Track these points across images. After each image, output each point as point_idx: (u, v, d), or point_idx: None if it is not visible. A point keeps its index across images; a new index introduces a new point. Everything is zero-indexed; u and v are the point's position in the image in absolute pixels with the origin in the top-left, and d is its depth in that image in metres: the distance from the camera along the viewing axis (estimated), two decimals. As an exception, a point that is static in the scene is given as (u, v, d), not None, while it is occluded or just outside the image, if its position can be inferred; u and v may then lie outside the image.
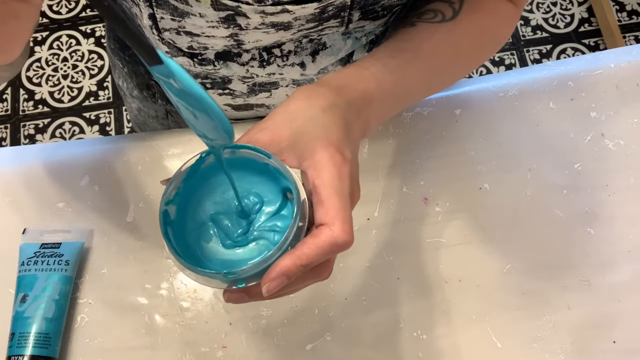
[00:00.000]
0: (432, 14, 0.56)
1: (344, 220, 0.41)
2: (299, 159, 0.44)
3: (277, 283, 0.41)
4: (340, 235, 0.40)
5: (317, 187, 0.42)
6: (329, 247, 0.40)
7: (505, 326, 0.63)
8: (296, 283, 0.43)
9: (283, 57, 0.62)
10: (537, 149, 0.70)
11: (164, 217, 0.44)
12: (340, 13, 0.55)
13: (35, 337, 0.57)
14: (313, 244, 0.40)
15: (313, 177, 0.43)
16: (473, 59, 0.60)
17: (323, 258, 0.41)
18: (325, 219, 0.41)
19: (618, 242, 0.66)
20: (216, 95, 0.67)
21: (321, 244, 0.40)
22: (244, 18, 0.53)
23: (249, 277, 0.42)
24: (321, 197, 0.41)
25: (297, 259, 0.40)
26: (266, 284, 0.41)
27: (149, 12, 0.56)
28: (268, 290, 0.41)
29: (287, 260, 0.40)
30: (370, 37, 0.64)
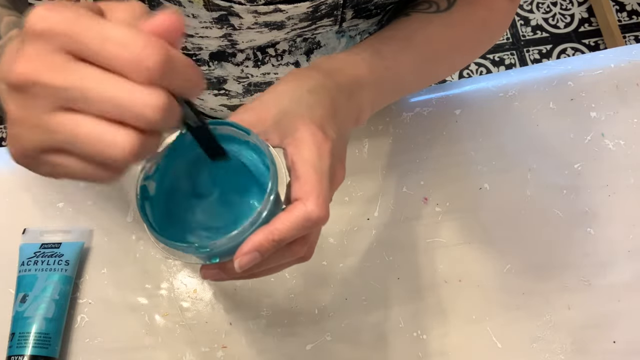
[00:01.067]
0: (427, 5, 0.56)
1: (318, 195, 0.40)
2: (280, 137, 0.43)
3: (249, 258, 0.39)
4: (314, 209, 0.39)
5: (295, 163, 0.41)
6: (302, 221, 0.39)
7: (505, 326, 0.63)
8: (272, 261, 0.42)
9: (277, 57, 0.62)
10: (537, 149, 0.70)
11: (141, 191, 0.43)
12: (333, 12, 0.55)
13: (35, 337, 0.57)
14: (286, 218, 0.39)
15: (292, 153, 0.42)
16: (467, 50, 0.60)
17: (297, 234, 0.40)
18: (300, 193, 0.40)
19: (618, 242, 0.66)
20: (212, 96, 0.67)
21: (293, 219, 0.39)
22: (237, 18, 0.53)
23: (223, 252, 0.42)
24: (298, 173, 0.41)
25: (270, 234, 0.39)
26: (238, 259, 0.39)
27: None
28: (240, 266, 0.39)
29: (259, 235, 0.39)
30: (364, 36, 0.64)
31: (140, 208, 0.42)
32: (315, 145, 0.42)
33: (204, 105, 0.70)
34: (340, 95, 0.47)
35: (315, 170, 0.41)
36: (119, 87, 0.28)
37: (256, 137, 0.43)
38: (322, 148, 0.42)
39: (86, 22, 0.28)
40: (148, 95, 0.28)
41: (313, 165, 0.41)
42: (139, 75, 0.28)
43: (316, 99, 0.45)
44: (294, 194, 0.40)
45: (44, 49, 0.28)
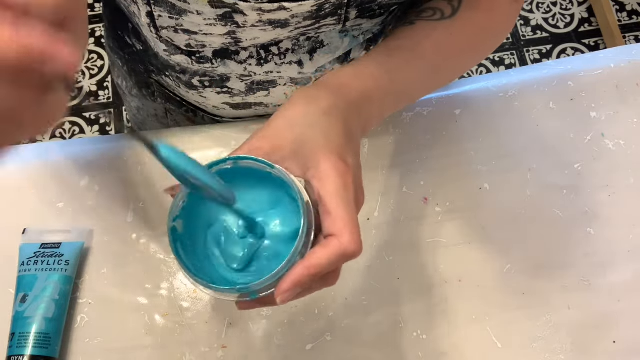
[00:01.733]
0: (431, 12, 0.56)
1: (352, 231, 0.42)
2: (302, 168, 0.45)
3: (290, 294, 0.42)
4: (350, 246, 0.41)
5: (323, 197, 0.43)
6: (338, 257, 0.41)
7: (505, 326, 0.63)
8: (306, 291, 0.44)
9: (281, 55, 0.62)
10: (537, 149, 0.70)
11: (172, 233, 0.45)
12: (337, 11, 0.55)
13: (35, 337, 0.57)
14: (323, 254, 0.41)
15: (318, 187, 0.43)
16: (472, 56, 0.61)
17: (332, 267, 0.42)
18: (334, 229, 0.42)
19: (618, 242, 0.66)
20: (214, 93, 0.68)
21: (330, 255, 0.41)
22: (241, 15, 0.54)
23: (262, 290, 0.43)
24: (328, 208, 0.42)
25: (308, 270, 0.41)
26: (280, 295, 0.42)
27: (147, 10, 0.56)
28: (282, 301, 0.42)
29: (299, 271, 0.41)
30: (367, 36, 0.64)
31: (174, 250, 0.44)
32: (340, 177, 0.43)
33: (207, 103, 0.70)
34: (351, 113, 0.47)
35: (344, 204, 0.42)
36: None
37: (280, 170, 0.44)
38: (346, 179, 0.43)
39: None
40: None
41: (341, 199, 0.42)
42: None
43: (331, 123, 0.46)
44: (327, 229, 0.42)
45: None
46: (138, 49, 0.68)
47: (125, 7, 0.62)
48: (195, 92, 0.68)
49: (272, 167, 0.44)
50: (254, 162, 0.44)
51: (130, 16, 0.64)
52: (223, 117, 0.75)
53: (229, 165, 0.45)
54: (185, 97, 0.72)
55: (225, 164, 0.45)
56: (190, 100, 0.72)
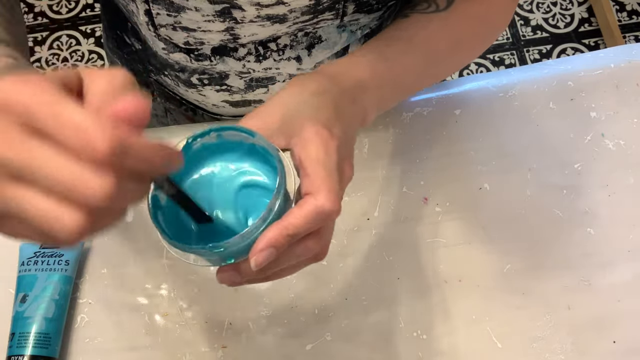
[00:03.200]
0: (426, 5, 0.56)
1: (329, 189, 0.40)
2: (286, 139, 0.44)
3: (265, 255, 0.40)
4: (325, 203, 0.40)
5: (303, 160, 0.42)
6: (315, 214, 0.40)
7: (505, 326, 0.63)
8: (287, 259, 0.42)
9: (279, 51, 0.62)
10: (537, 149, 0.70)
11: (153, 201, 0.44)
12: (335, 5, 0.55)
13: (35, 337, 0.57)
14: (297, 212, 0.40)
15: (299, 152, 0.43)
16: (469, 48, 0.60)
17: (310, 227, 0.40)
18: (310, 188, 0.41)
19: (618, 242, 0.66)
20: (213, 91, 0.68)
21: (305, 212, 0.40)
22: (240, 11, 0.54)
23: (237, 252, 0.42)
24: (306, 170, 0.41)
25: (284, 229, 0.40)
26: (254, 257, 0.40)
27: (145, 8, 0.56)
28: (256, 264, 0.40)
29: (273, 231, 0.40)
30: (365, 31, 0.64)
31: (153, 216, 0.43)
32: (322, 142, 0.42)
33: (206, 102, 0.71)
34: (343, 98, 0.47)
35: (323, 166, 0.41)
36: (66, 166, 0.28)
37: (261, 137, 0.43)
38: (328, 145, 0.42)
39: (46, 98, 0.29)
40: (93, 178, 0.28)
41: (321, 162, 0.41)
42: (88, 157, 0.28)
43: (320, 101, 0.45)
44: (304, 190, 0.41)
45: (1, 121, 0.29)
46: (137, 49, 0.68)
47: (124, 6, 0.62)
48: (195, 91, 0.68)
49: (253, 135, 0.43)
50: (236, 131, 0.43)
51: (128, 15, 0.64)
52: (223, 115, 0.75)
53: (213, 138, 0.44)
54: (185, 96, 0.72)
55: (209, 136, 0.44)
56: (189, 98, 0.72)
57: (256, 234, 0.41)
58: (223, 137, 0.45)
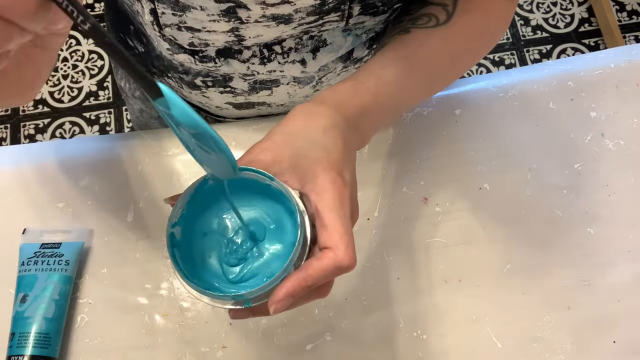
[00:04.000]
0: (427, 19, 0.56)
1: (347, 245, 0.42)
2: (300, 182, 0.45)
3: (283, 304, 0.42)
4: (344, 259, 0.42)
5: (320, 211, 0.43)
6: (333, 269, 0.42)
7: (505, 326, 0.63)
8: (298, 302, 0.44)
9: (284, 54, 0.62)
10: (537, 149, 0.70)
11: (170, 239, 0.45)
12: (341, 6, 0.55)
13: (35, 337, 0.57)
14: (318, 266, 0.42)
15: (315, 201, 0.44)
16: (469, 59, 0.61)
17: (326, 279, 0.43)
18: (329, 242, 0.42)
19: (618, 242, 0.66)
20: (217, 93, 0.67)
21: (325, 267, 0.42)
22: (245, 10, 0.54)
23: (256, 298, 0.44)
24: (324, 222, 0.43)
25: (303, 281, 0.42)
26: (273, 305, 0.42)
27: (151, 7, 0.56)
28: (275, 312, 0.42)
29: (293, 282, 0.42)
30: (370, 35, 0.64)
31: (172, 256, 0.45)
32: (337, 192, 0.44)
33: (210, 103, 0.70)
34: (349, 130, 0.48)
35: (340, 218, 0.43)
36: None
37: (279, 183, 0.45)
38: (343, 195, 0.44)
39: None
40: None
41: (337, 214, 0.43)
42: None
43: (330, 140, 0.46)
44: (322, 242, 0.43)
45: None
46: (140, 51, 0.68)
47: (128, 6, 0.62)
48: (198, 92, 0.68)
49: (271, 179, 0.45)
50: (255, 173, 0.45)
51: (133, 16, 0.64)
52: (226, 117, 0.75)
53: None
54: (188, 98, 0.72)
55: None
56: (193, 100, 0.72)
57: (276, 283, 0.43)
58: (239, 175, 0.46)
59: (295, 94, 0.68)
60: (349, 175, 0.46)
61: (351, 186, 0.46)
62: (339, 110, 0.49)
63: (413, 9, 0.59)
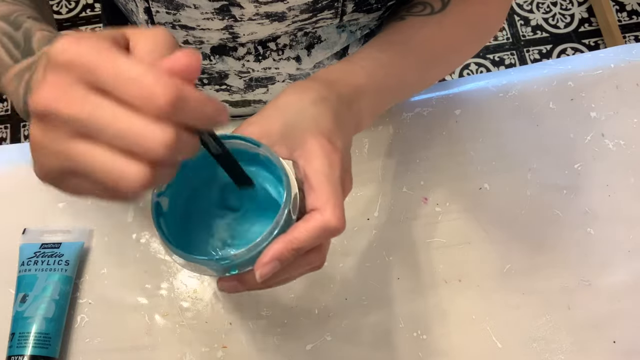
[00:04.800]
0: (422, 7, 0.56)
1: (335, 205, 0.41)
2: (289, 150, 0.44)
3: (269, 267, 0.41)
4: (332, 219, 0.41)
5: (308, 174, 0.42)
6: (320, 231, 0.41)
7: (505, 326, 0.63)
8: (289, 270, 0.43)
9: (278, 51, 0.62)
10: (537, 149, 0.70)
11: (155, 208, 0.44)
12: (334, 3, 0.55)
13: (35, 337, 0.57)
14: (304, 228, 0.41)
15: (304, 166, 0.43)
16: (465, 49, 0.61)
17: (315, 242, 0.41)
18: (317, 204, 0.41)
19: (618, 242, 0.66)
20: (213, 91, 0.68)
21: (312, 228, 0.41)
22: (238, 8, 0.54)
23: (242, 264, 0.42)
24: (312, 184, 0.42)
25: (289, 243, 0.41)
26: (259, 269, 0.41)
27: (145, 6, 0.56)
28: (261, 275, 0.41)
29: (279, 244, 0.41)
30: (364, 31, 0.64)
31: (157, 224, 0.43)
32: (326, 156, 0.43)
33: None
34: (341, 106, 0.47)
35: (328, 181, 0.42)
36: (129, 121, 0.29)
37: (267, 149, 0.44)
38: (332, 159, 0.43)
39: (106, 55, 0.29)
40: (155, 131, 0.29)
41: (326, 176, 0.42)
42: (149, 110, 0.29)
43: (319, 111, 0.46)
44: (310, 205, 0.42)
45: (64, 80, 0.29)
46: None
47: (123, 5, 0.62)
48: None
49: (258, 146, 0.43)
50: (242, 141, 0.44)
51: (128, 15, 0.64)
52: None
53: None
54: None
55: None
56: None
57: (262, 247, 0.41)
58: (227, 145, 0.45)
59: None
60: (341, 143, 0.45)
61: (342, 153, 0.45)
62: (332, 86, 0.48)
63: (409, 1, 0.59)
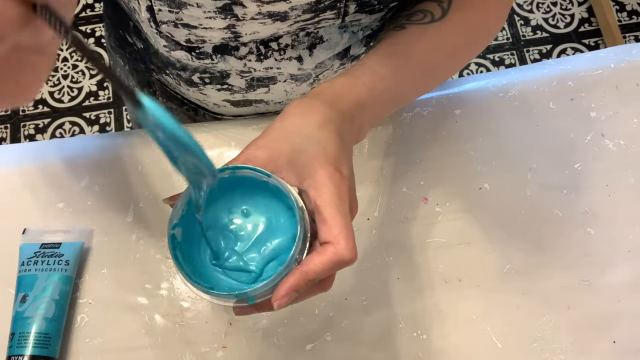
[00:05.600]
0: (422, 15, 0.57)
1: (347, 238, 0.43)
2: (298, 178, 0.46)
3: (287, 299, 0.43)
4: (345, 252, 0.43)
5: (320, 206, 0.44)
6: (334, 263, 0.43)
7: (505, 326, 0.63)
8: (301, 296, 0.45)
9: (280, 51, 0.62)
10: (537, 149, 0.70)
11: (171, 241, 0.46)
12: (336, 4, 0.55)
13: (35, 337, 0.57)
14: (319, 261, 0.43)
15: (314, 196, 0.44)
16: (465, 55, 0.61)
17: (329, 273, 0.44)
18: (330, 237, 0.43)
19: (618, 242, 0.66)
20: (215, 90, 0.68)
21: (327, 261, 0.43)
22: (241, 7, 0.54)
23: (259, 295, 0.44)
24: (324, 216, 0.43)
25: (305, 275, 0.43)
26: (277, 301, 0.43)
27: (147, 5, 0.56)
28: (279, 307, 0.43)
29: (296, 277, 0.43)
30: (367, 32, 0.64)
31: (174, 257, 0.45)
32: (335, 187, 0.45)
33: (207, 101, 0.71)
34: (344, 124, 0.49)
35: (339, 213, 0.44)
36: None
37: (277, 179, 0.45)
38: (341, 189, 0.45)
39: None
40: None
41: (337, 208, 0.44)
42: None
43: (327, 135, 0.47)
44: (323, 237, 0.44)
45: None
46: (139, 48, 0.68)
47: (125, 3, 0.62)
48: (196, 90, 0.68)
49: (269, 176, 0.45)
50: (252, 171, 0.45)
51: (130, 13, 0.64)
52: (224, 115, 0.75)
53: (226, 174, 0.46)
54: (186, 95, 0.72)
55: (223, 173, 0.46)
56: (191, 98, 0.72)
57: (279, 279, 0.43)
58: (237, 174, 0.46)
59: (292, 91, 0.68)
60: (347, 169, 0.47)
61: (349, 180, 0.46)
62: (335, 104, 0.49)
63: (409, 7, 0.59)
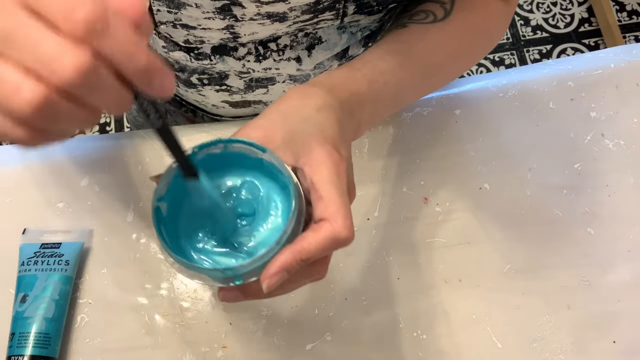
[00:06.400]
0: (424, 15, 0.56)
1: (345, 216, 0.40)
2: (294, 156, 0.44)
3: (277, 278, 0.40)
4: (342, 230, 0.40)
5: (316, 183, 0.42)
6: (330, 242, 0.40)
7: (505, 326, 0.63)
8: (292, 281, 0.42)
9: (279, 52, 0.62)
10: (537, 149, 0.70)
11: (156, 214, 0.43)
12: (335, 5, 0.55)
13: (35, 337, 0.57)
14: (313, 238, 0.40)
15: (311, 173, 0.42)
16: (466, 58, 0.61)
17: (323, 253, 0.41)
18: (326, 214, 0.40)
19: (618, 242, 0.66)
20: (213, 91, 0.68)
21: (322, 238, 0.40)
22: (240, 8, 0.54)
23: (247, 274, 0.41)
24: (320, 193, 0.41)
25: (298, 254, 0.40)
26: (266, 280, 0.40)
27: (146, 5, 0.56)
28: (268, 286, 0.40)
29: (288, 255, 0.40)
30: (365, 33, 0.64)
31: (158, 231, 0.42)
32: (334, 165, 0.42)
33: (206, 102, 0.71)
34: (343, 113, 0.47)
35: (337, 190, 0.41)
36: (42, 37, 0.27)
37: (272, 154, 0.43)
38: (339, 167, 0.42)
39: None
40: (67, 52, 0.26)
41: (334, 186, 0.41)
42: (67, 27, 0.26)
43: (324, 118, 0.45)
44: (318, 214, 0.41)
45: None
46: None
47: None
48: (195, 91, 0.68)
49: (264, 151, 0.43)
50: (246, 145, 0.43)
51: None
52: (222, 116, 0.75)
53: (219, 148, 0.44)
54: (185, 97, 0.72)
55: (215, 147, 0.44)
56: (189, 99, 0.72)
57: (269, 257, 0.40)
58: (229, 148, 0.44)
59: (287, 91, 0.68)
60: (345, 152, 0.45)
61: (347, 163, 0.44)
62: (334, 92, 0.48)
63: (411, 5, 0.59)
